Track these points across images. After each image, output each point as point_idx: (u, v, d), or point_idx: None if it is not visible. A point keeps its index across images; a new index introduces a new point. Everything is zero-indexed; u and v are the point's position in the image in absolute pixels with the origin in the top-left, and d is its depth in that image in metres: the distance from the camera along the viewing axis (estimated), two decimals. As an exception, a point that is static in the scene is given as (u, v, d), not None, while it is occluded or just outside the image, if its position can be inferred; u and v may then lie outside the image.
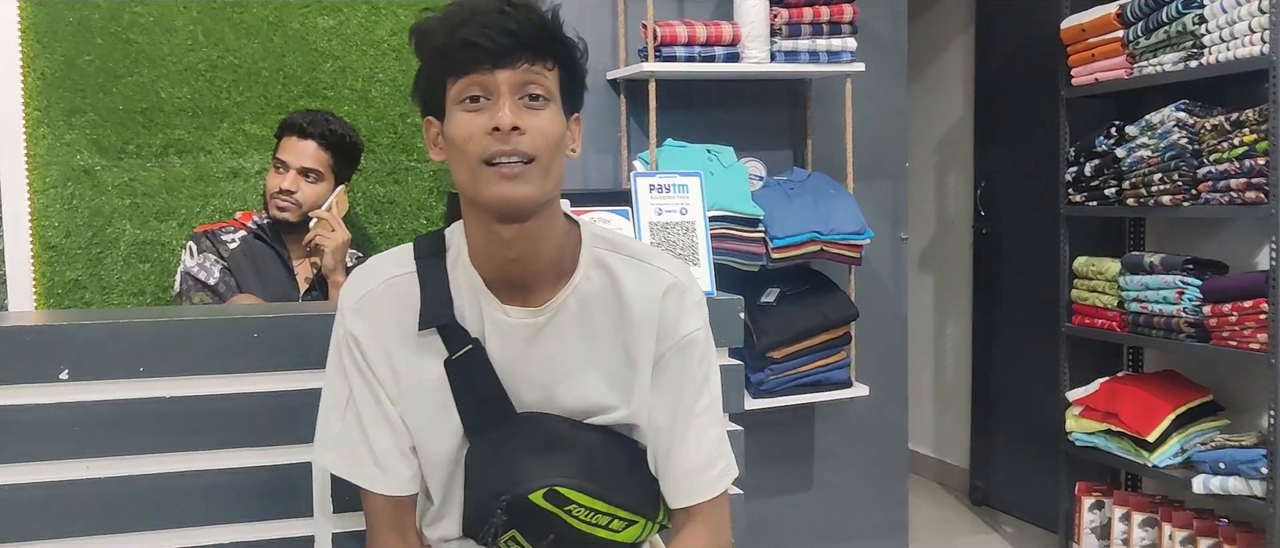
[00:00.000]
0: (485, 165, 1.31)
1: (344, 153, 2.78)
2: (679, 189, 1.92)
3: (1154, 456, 3.40)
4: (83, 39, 2.90)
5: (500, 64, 1.30)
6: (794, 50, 3.25)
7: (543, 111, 1.33)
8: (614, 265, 1.44)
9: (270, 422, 1.70)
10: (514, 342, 1.41)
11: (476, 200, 1.34)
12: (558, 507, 1.39)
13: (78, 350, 1.62)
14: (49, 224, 2.90)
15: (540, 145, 1.32)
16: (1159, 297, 3.39)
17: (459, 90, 1.32)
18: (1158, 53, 3.39)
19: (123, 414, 1.64)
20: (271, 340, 1.70)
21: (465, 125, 1.32)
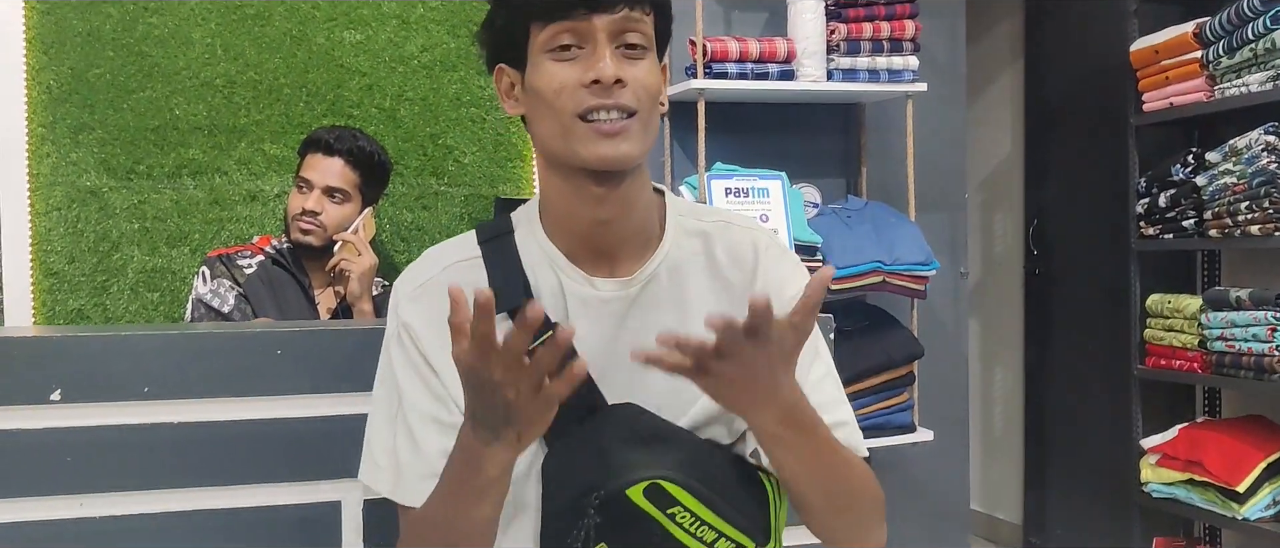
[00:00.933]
0: (580, 121, 1.16)
1: (372, 172, 2.57)
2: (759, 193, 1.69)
3: (1244, 508, 3.13)
4: (92, 51, 2.71)
5: (598, 8, 1.15)
6: (853, 68, 3.04)
7: (642, 61, 1.19)
8: (704, 229, 1.30)
9: (296, 453, 1.46)
10: (603, 320, 1.22)
11: (570, 160, 1.18)
12: (660, 509, 1.14)
13: (72, 367, 1.39)
14: (51, 249, 2.68)
15: (642, 98, 1.17)
16: (1248, 335, 3.14)
17: (548, 37, 1.17)
18: (1242, 73, 3.17)
19: (123, 442, 1.40)
20: (297, 359, 1.46)
21: (556, 76, 1.16)
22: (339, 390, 1.47)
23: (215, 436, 1.43)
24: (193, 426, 1.42)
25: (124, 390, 1.40)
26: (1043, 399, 4.57)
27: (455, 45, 2.95)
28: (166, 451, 1.41)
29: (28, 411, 1.37)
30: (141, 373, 1.41)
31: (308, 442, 1.46)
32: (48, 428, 1.38)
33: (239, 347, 1.46)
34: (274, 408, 1.45)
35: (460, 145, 2.95)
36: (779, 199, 1.70)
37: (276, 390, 1.45)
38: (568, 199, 1.22)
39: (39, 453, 1.38)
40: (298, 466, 1.46)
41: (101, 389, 1.39)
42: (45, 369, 1.38)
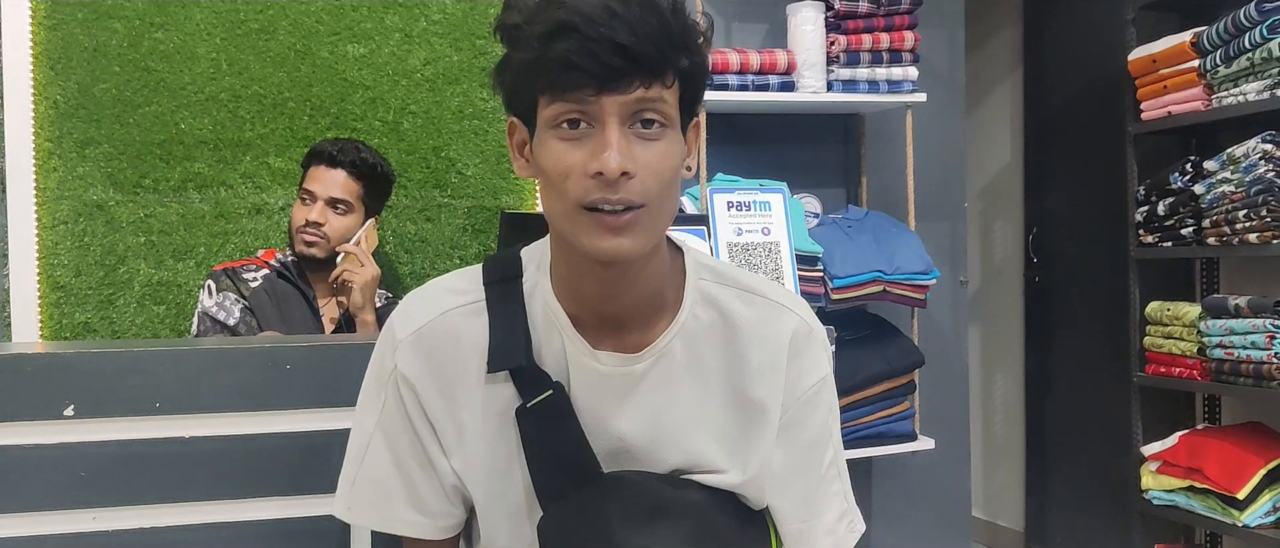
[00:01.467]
0: (584, 211, 1.06)
1: (375, 183, 2.59)
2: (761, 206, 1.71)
3: (1245, 514, 3.14)
4: (99, 66, 2.72)
5: (607, 88, 1.03)
6: (852, 79, 3.06)
7: (657, 143, 1.06)
8: (726, 301, 1.20)
9: (304, 466, 1.48)
10: (606, 394, 1.16)
11: (573, 245, 1.09)
12: None
13: (85, 384, 1.40)
14: (58, 263, 2.70)
15: (652, 189, 1.06)
16: (1246, 342, 3.15)
17: (554, 113, 1.06)
18: (1240, 82, 3.19)
19: (135, 457, 1.42)
20: (307, 374, 1.48)
21: (561, 158, 1.06)
22: (345, 405, 1.48)
23: (225, 449, 1.45)
24: (203, 440, 1.44)
25: (136, 406, 1.42)
26: (1043, 406, 4.58)
27: (458, 59, 2.96)
28: (177, 464, 1.43)
29: (42, 426, 1.39)
30: (152, 388, 1.42)
31: (316, 455, 1.48)
32: (62, 443, 1.40)
33: (247, 362, 1.47)
34: (282, 422, 1.47)
35: (463, 158, 2.97)
36: (781, 212, 1.72)
37: (284, 405, 1.47)
38: (572, 270, 1.15)
39: (53, 468, 1.39)
40: (306, 478, 1.48)
41: (114, 405, 1.41)
42: (59, 385, 1.40)
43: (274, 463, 1.47)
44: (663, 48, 1.03)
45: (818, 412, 1.24)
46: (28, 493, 1.39)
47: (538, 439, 1.15)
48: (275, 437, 1.47)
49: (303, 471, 1.48)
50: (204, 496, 1.44)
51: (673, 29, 1.04)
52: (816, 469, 1.24)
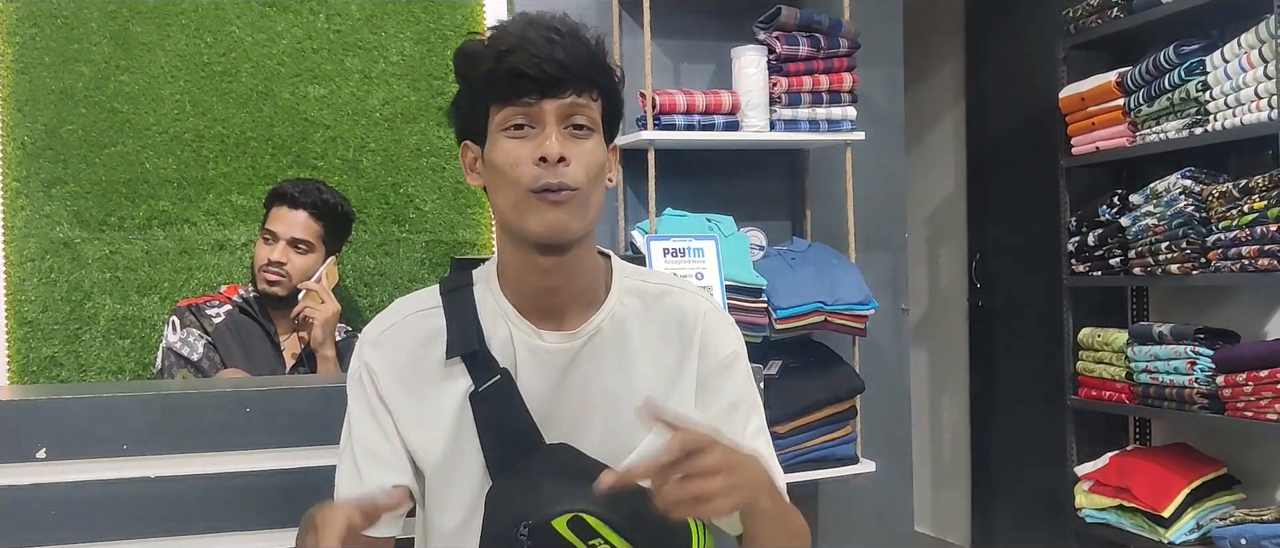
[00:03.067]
0: (531, 194, 1.29)
1: (335, 223, 2.69)
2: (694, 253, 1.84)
3: (1170, 532, 3.29)
4: (65, 108, 2.82)
5: (547, 94, 1.29)
6: (794, 119, 3.19)
7: (587, 141, 1.32)
8: (647, 290, 1.44)
9: (267, 503, 1.58)
10: (548, 370, 1.36)
11: (521, 230, 1.31)
12: (582, 539, 1.28)
13: (56, 427, 1.50)
14: (25, 299, 2.78)
15: (582, 176, 1.30)
16: (1170, 368, 3.31)
17: (504, 118, 1.31)
18: (1161, 120, 3.36)
19: (105, 497, 1.52)
20: (266, 416, 1.59)
21: (511, 152, 1.30)
22: (305, 444, 1.59)
23: (191, 489, 1.55)
24: (169, 479, 1.54)
25: (105, 448, 1.52)
26: (988, 427, 4.74)
27: (416, 98, 3.07)
28: (146, 503, 1.53)
29: (16, 468, 1.49)
30: (121, 431, 1.52)
31: (277, 493, 1.58)
32: (35, 484, 1.49)
33: (211, 404, 1.58)
34: (244, 462, 1.57)
35: (421, 194, 3.08)
36: (712, 258, 1.85)
37: (246, 446, 1.57)
38: (520, 265, 1.35)
39: (27, 507, 1.49)
40: (269, 515, 1.57)
41: (84, 447, 1.51)
42: (31, 429, 1.49)
43: (237, 500, 1.57)
44: (590, 66, 1.31)
45: (734, 379, 1.43)
46: (3, 532, 1.48)
47: (488, 418, 1.34)
48: (238, 475, 1.57)
49: (266, 507, 1.57)
50: (171, 532, 1.54)
51: (596, 55, 1.33)
52: (740, 433, 1.41)
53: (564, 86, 1.29)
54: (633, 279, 1.44)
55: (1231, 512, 3.23)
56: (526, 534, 1.28)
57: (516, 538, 1.28)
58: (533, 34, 1.28)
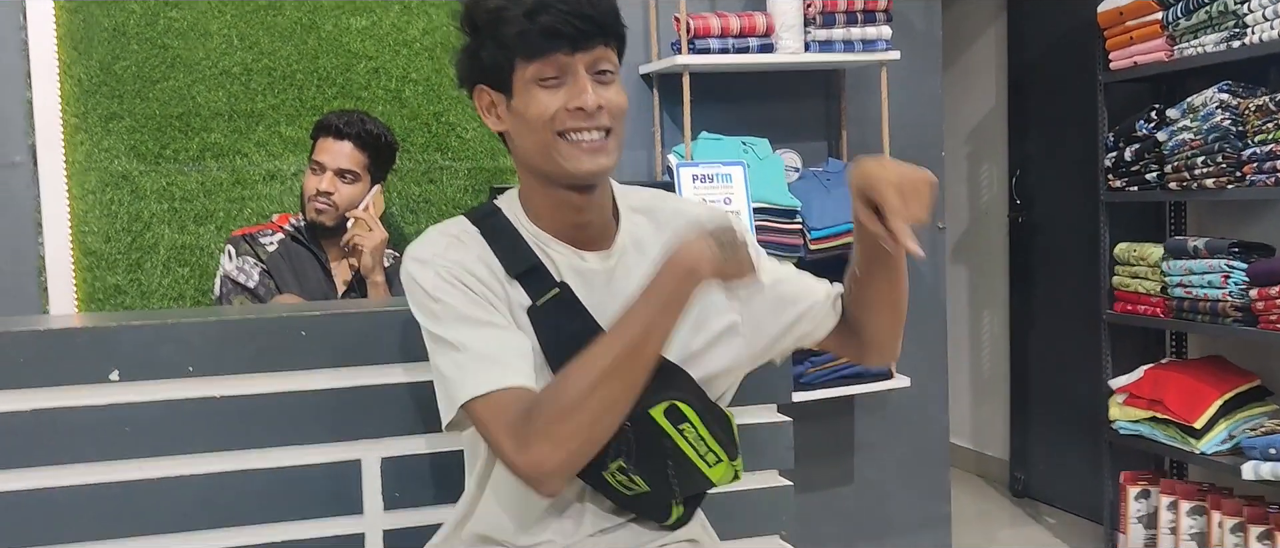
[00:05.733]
0: (559, 138, 1.39)
1: (380, 153, 2.78)
2: (723, 179, 1.91)
3: (1201, 442, 3.35)
4: (118, 45, 2.91)
5: (578, 47, 1.38)
6: (828, 40, 3.22)
7: (611, 87, 1.42)
8: (646, 206, 1.57)
9: (319, 419, 1.69)
10: (593, 286, 1.47)
11: (553, 173, 1.41)
12: (674, 425, 1.41)
13: (127, 352, 1.62)
14: (88, 230, 2.91)
15: (616, 116, 1.43)
16: (1204, 281, 3.34)
17: (535, 70, 1.38)
18: (1198, 34, 3.35)
19: (172, 414, 1.64)
20: (318, 338, 1.69)
21: (545, 103, 1.39)
22: (355, 364, 1.69)
23: (251, 406, 1.66)
24: (232, 399, 1.66)
25: (172, 370, 1.63)
26: (1026, 342, 4.78)
27: (455, 28, 3.13)
28: (210, 421, 1.65)
29: (92, 389, 1.61)
30: (186, 355, 1.63)
31: (330, 409, 1.69)
32: (108, 404, 1.61)
33: (269, 329, 1.68)
34: (300, 381, 1.68)
35: (462, 122, 3.16)
36: (740, 184, 1.91)
37: (302, 366, 1.68)
38: (551, 201, 1.46)
39: (102, 426, 1.61)
40: (323, 430, 1.69)
41: (153, 369, 1.62)
42: (104, 354, 1.61)
43: (293, 417, 1.68)
44: (612, 17, 1.42)
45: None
46: (80, 448, 1.61)
47: (552, 330, 1.42)
48: (294, 394, 1.68)
49: (319, 423, 1.69)
50: (233, 446, 1.66)
51: (614, 5, 1.43)
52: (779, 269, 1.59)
53: (592, 40, 1.39)
54: (630, 198, 1.57)
55: (1263, 423, 3.28)
56: (629, 423, 1.38)
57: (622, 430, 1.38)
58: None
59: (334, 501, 1.70)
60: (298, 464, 1.68)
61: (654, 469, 1.42)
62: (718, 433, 1.46)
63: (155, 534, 1.64)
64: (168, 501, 1.64)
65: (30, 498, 1.59)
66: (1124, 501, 3.75)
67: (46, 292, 2.88)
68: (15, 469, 1.59)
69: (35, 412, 1.59)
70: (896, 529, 3.68)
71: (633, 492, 1.44)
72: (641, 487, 1.43)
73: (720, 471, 1.48)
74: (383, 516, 1.72)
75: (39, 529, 1.60)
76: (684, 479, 1.45)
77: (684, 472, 1.44)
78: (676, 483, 1.45)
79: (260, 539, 1.67)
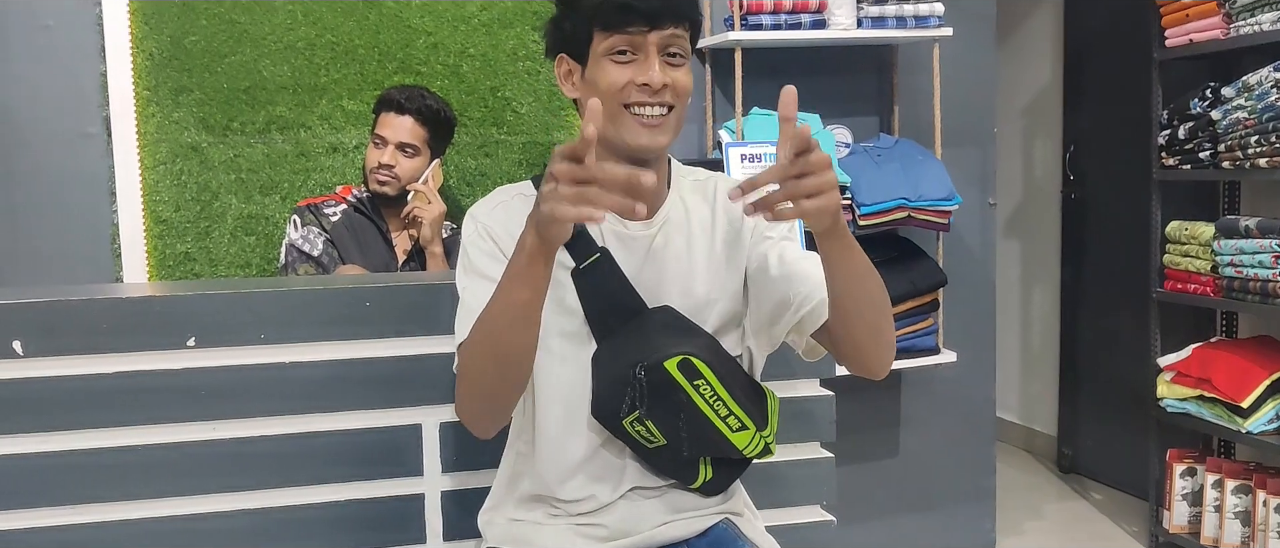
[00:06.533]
0: (625, 110, 1.48)
1: (439, 127, 2.86)
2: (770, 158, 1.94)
3: (1248, 422, 3.36)
4: (188, 20, 3.01)
5: (653, 25, 1.47)
6: (881, 16, 3.25)
7: (680, 69, 1.51)
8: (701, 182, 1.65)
9: (382, 386, 1.78)
10: (634, 252, 1.56)
11: (616, 142, 1.50)
12: (688, 380, 1.48)
13: (203, 320, 1.71)
14: (160, 199, 3.02)
15: (680, 98, 1.51)
16: (1254, 261, 3.34)
17: (610, 44, 1.48)
18: (1255, 12, 3.33)
19: (244, 380, 1.73)
20: (382, 309, 1.78)
21: (615, 75, 1.48)
22: (415, 334, 1.78)
23: (318, 373, 1.75)
24: (301, 364, 1.75)
25: (245, 337, 1.73)
26: (1076, 318, 4.79)
27: (511, 4, 3.20)
28: (280, 385, 1.74)
29: (169, 354, 1.71)
30: (258, 323, 1.73)
31: (392, 376, 1.78)
32: (185, 368, 1.71)
33: (335, 299, 1.77)
34: (365, 349, 1.77)
35: (518, 97, 3.23)
36: (788, 163, 1.95)
37: (366, 335, 1.77)
38: None
39: (179, 389, 1.71)
40: (385, 395, 1.78)
41: (227, 336, 1.72)
42: (182, 322, 1.71)
43: (358, 383, 1.77)
44: (686, 1, 1.50)
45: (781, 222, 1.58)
46: (159, 410, 1.71)
47: (591, 290, 1.53)
48: (358, 361, 1.77)
49: (382, 389, 1.78)
50: (302, 410, 1.76)
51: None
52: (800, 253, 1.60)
53: (666, 19, 1.47)
54: (686, 175, 1.65)
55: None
56: (643, 374, 1.47)
57: (634, 378, 1.48)
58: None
59: (395, 462, 1.79)
60: (362, 428, 1.78)
61: (667, 422, 1.50)
62: (742, 399, 1.53)
63: (227, 492, 1.74)
64: (239, 461, 1.74)
65: (113, 455, 1.70)
66: (1169, 478, 3.77)
67: (120, 258, 3.00)
68: (99, 429, 1.69)
69: (117, 375, 1.69)
70: (941, 502, 3.73)
71: (652, 444, 1.53)
72: (659, 438, 1.51)
73: (745, 438, 1.54)
74: (441, 478, 1.81)
75: (122, 485, 1.71)
76: (696, 436, 1.52)
77: (697, 428, 1.51)
78: (686, 437, 1.51)
79: (327, 498, 1.77)
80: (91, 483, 1.70)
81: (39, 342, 1.67)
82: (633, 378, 1.47)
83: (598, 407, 1.52)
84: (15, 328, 1.66)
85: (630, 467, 1.57)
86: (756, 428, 1.55)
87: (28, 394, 1.67)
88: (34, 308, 1.67)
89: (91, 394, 1.68)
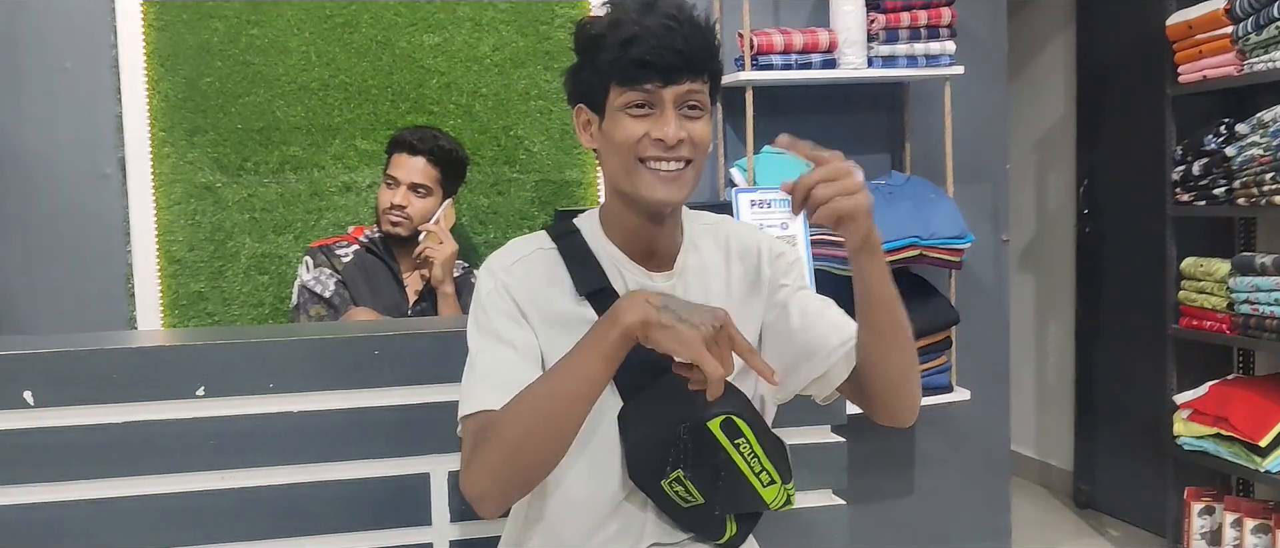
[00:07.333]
0: (640, 163, 1.46)
1: (451, 167, 2.87)
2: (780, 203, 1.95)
3: (1266, 461, 3.33)
4: (203, 62, 3.04)
5: (668, 81, 1.44)
6: (892, 55, 3.25)
7: (699, 121, 1.48)
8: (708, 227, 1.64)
9: (391, 435, 1.78)
10: None
11: (633, 196, 1.49)
12: (730, 439, 1.47)
13: (212, 369, 1.72)
14: (174, 239, 3.04)
15: (698, 150, 1.48)
16: (1271, 299, 3.31)
17: (626, 99, 1.46)
18: (1269, 49, 3.31)
19: (254, 429, 1.74)
20: (391, 357, 1.78)
21: (631, 130, 1.46)
22: (424, 383, 1.78)
23: (327, 421, 1.75)
24: (309, 413, 1.75)
25: (254, 386, 1.73)
26: (1092, 353, 4.76)
27: (524, 44, 3.22)
28: (289, 434, 1.74)
29: (179, 404, 1.71)
30: (267, 372, 1.73)
31: (401, 424, 1.78)
32: (195, 417, 1.72)
33: (344, 348, 1.77)
34: (373, 398, 1.77)
35: (530, 136, 3.24)
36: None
37: (375, 384, 1.77)
38: (629, 221, 1.54)
39: (189, 438, 1.71)
40: (394, 444, 1.78)
41: (236, 385, 1.72)
42: (192, 371, 1.71)
43: (366, 431, 1.77)
44: (705, 55, 1.47)
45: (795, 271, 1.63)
46: (168, 458, 1.71)
47: None
48: (367, 410, 1.77)
49: (390, 438, 1.78)
50: (310, 459, 1.76)
51: (710, 43, 1.48)
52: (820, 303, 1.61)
53: (682, 74, 1.44)
54: (695, 222, 1.64)
55: (1330, 443, 3.25)
56: (686, 434, 1.47)
57: (678, 438, 1.47)
58: (653, 22, 1.42)
59: (404, 512, 1.79)
60: (370, 477, 1.78)
61: (708, 481, 1.49)
62: (773, 454, 1.52)
63: (236, 541, 1.74)
64: (248, 510, 1.74)
65: (123, 505, 1.70)
66: (1187, 516, 3.73)
67: (134, 297, 3.02)
68: (109, 479, 1.70)
69: (126, 424, 1.70)
70: (957, 540, 3.70)
71: (689, 503, 1.51)
72: (697, 498, 1.50)
73: (773, 492, 1.54)
74: (449, 527, 1.80)
75: (132, 535, 1.71)
76: (733, 494, 1.51)
77: (736, 487, 1.50)
78: (723, 496, 1.51)
79: (334, 547, 1.76)
80: (101, 533, 1.70)
81: (49, 391, 1.68)
82: (677, 438, 1.46)
83: (635, 468, 1.50)
84: (26, 378, 1.67)
85: (651, 523, 1.55)
86: (782, 481, 1.54)
87: (38, 444, 1.68)
88: (44, 358, 1.68)
89: (101, 444, 1.69)
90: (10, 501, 1.68)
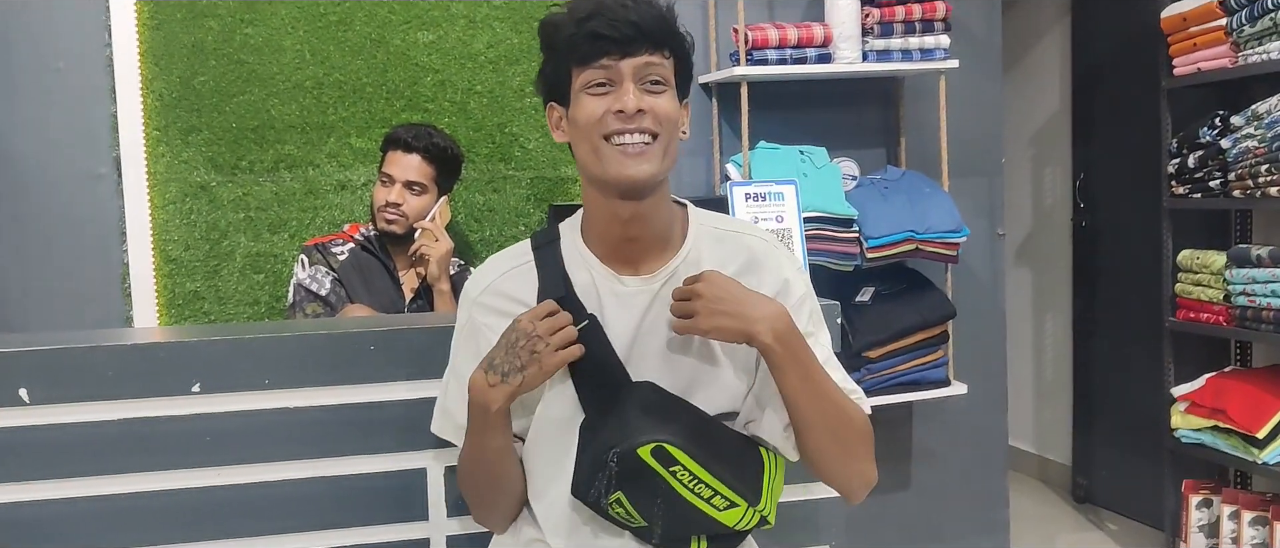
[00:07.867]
0: (605, 142, 1.45)
1: (446, 165, 2.87)
2: (775, 197, 1.95)
3: (1264, 453, 3.33)
4: (197, 61, 3.03)
5: (625, 53, 1.44)
6: (886, 49, 3.25)
7: (661, 95, 1.46)
8: (720, 232, 1.59)
9: (387, 430, 1.77)
10: (631, 311, 1.52)
11: (601, 177, 1.47)
12: (664, 466, 1.43)
13: (208, 365, 1.71)
14: (169, 238, 3.04)
15: (664, 127, 1.46)
16: (1267, 290, 3.31)
17: (586, 78, 1.45)
18: (1264, 41, 3.32)
19: (249, 425, 1.73)
20: (386, 353, 1.77)
21: (591, 108, 1.45)
22: (420, 378, 1.77)
23: (323, 417, 1.75)
24: (305, 409, 1.74)
25: (249, 383, 1.73)
26: (1090, 347, 4.76)
27: (518, 41, 3.22)
28: (284, 430, 1.74)
29: (175, 401, 1.71)
30: (262, 369, 1.73)
31: (397, 420, 1.77)
32: (191, 414, 1.71)
33: (339, 344, 1.77)
34: (369, 394, 1.76)
35: (525, 133, 3.24)
36: (792, 202, 1.96)
37: (371, 379, 1.76)
38: (604, 216, 1.51)
39: (185, 435, 1.71)
40: (390, 440, 1.77)
41: (232, 382, 1.72)
42: (187, 368, 1.71)
43: (362, 427, 1.76)
44: (660, 26, 1.46)
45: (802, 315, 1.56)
46: (165, 455, 1.71)
47: (580, 359, 1.49)
48: (363, 406, 1.76)
49: (386, 433, 1.77)
50: (306, 455, 1.75)
51: (666, 17, 1.48)
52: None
53: (638, 45, 1.43)
54: (708, 224, 1.59)
55: (1327, 434, 3.25)
56: (615, 461, 1.43)
57: (607, 463, 1.44)
58: (609, 0, 1.44)
59: (401, 507, 1.78)
60: (367, 472, 1.77)
61: (645, 504, 1.46)
62: (730, 478, 1.47)
63: (233, 538, 1.74)
64: (244, 506, 1.73)
65: (119, 502, 1.70)
66: (1186, 509, 3.73)
67: (130, 297, 3.02)
68: (105, 476, 1.69)
69: (122, 421, 1.70)
70: (954, 536, 3.70)
71: (633, 525, 1.50)
72: (639, 520, 1.48)
73: (735, 515, 1.49)
74: (446, 522, 1.80)
75: (128, 532, 1.70)
76: (677, 517, 1.47)
77: (678, 510, 1.46)
78: (663, 519, 1.47)
79: (332, 543, 1.76)
80: (97, 530, 1.69)
81: (45, 389, 1.67)
82: (605, 463, 1.43)
83: (577, 487, 1.49)
84: (21, 375, 1.67)
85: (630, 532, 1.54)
86: (748, 504, 1.49)
87: (34, 441, 1.67)
88: (39, 355, 1.67)
89: (97, 441, 1.69)
90: (7, 498, 1.67)
